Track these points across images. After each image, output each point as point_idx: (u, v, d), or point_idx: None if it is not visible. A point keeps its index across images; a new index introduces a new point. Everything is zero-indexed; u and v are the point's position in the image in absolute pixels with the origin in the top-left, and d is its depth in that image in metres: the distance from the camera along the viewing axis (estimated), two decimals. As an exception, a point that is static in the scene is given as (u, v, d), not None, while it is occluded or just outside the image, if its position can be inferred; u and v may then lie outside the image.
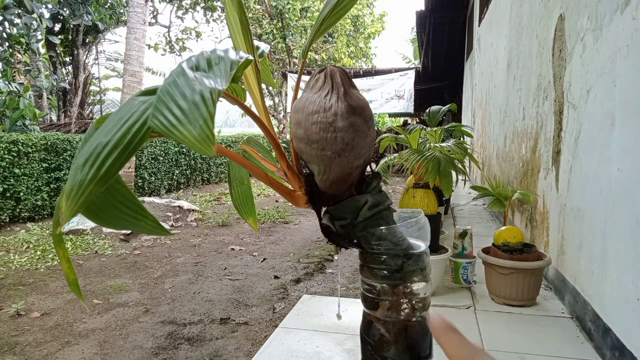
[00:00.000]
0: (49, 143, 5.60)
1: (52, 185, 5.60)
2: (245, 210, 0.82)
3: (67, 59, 12.16)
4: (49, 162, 5.60)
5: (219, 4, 14.24)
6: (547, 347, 1.42)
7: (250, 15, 14.46)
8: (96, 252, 4.22)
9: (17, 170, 5.11)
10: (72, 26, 11.08)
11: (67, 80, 11.37)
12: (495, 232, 1.80)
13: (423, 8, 7.85)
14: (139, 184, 7.14)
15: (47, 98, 10.77)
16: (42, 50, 9.96)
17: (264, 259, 3.95)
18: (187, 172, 8.37)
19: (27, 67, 9.34)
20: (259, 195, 8.00)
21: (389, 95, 11.31)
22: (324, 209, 0.59)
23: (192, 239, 4.75)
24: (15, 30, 7.97)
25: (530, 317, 1.64)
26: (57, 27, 11.10)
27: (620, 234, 1.26)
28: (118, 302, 2.98)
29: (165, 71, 16.20)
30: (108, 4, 11.40)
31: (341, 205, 0.59)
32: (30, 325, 2.63)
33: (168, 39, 15.28)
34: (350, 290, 3.09)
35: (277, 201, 7.24)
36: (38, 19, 8.06)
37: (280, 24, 14.49)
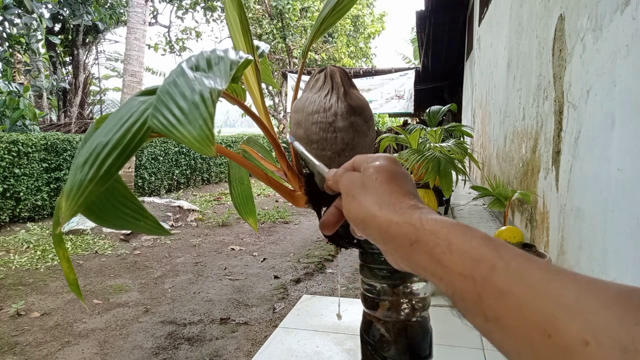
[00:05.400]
0: (49, 143, 5.60)
1: (52, 185, 5.60)
2: (245, 210, 0.82)
3: (67, 59, 12.16)
4: (49, 162, 5.60)
5: (219, 4, 14.24)
6: (547, 347, 1.42)
7: (250, 15, 14.46)
8: (96, 252, 4.22)
9: (17, 170, 5.11)
10: (72, 26, 11.08)
11: (67, 80, 11.37)
12: (495, 232, 1.80)
13: (423, 8, 7.85)
14: (139, 184, 7.14)
15: (47, 98, 10.76)
16: (42, 50, 9.96)
17: (264, 259, 3.95)
18: (187, 172, 8.37)
19: (27, 67, 9.34)
20: (259, 195, 8.00)
21: (389, 95, 11.31)
22: (324, 209, 0.59)
23: (192, 239, 4.75)
24: (15, 30, 7.98)
25: (530, 317, 1.64)
26: (57, 27, 11.10)
27: (620, 234, 1.26)
28: (118, 302, 2.98)
29: (165, 71, 16.20)
30: (108, 4, 11.40)
31: (341, 205, 0.59)
32: (30, 325, 2.62)
33: (168, 39, 15.29)
34: (350, 290, 3.09)
35: (277, 201, 7.24)
36: (38, 19, 8.06)
37: (280, 24, 14.49)
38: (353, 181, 0.38)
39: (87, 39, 11.86)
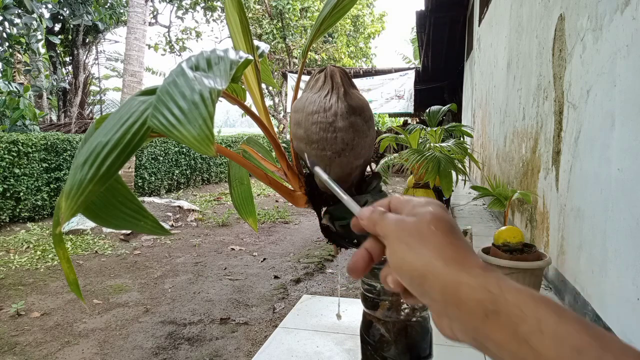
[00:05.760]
0: (49, 143, 5.60)
1: (52, 185, 5.60)
2: (245, 210, 0.82)
3: (67, 59, 12.16)
4: (49, 162, 5.60)
5: (219, 4, 14.24)
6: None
7: (250, 15, 14.46)
8: (96, 252, 4.22)
9: (17, 170, 5.11)
10: (72, 26, 11.08)
11: (67, 80, 11.37)
12: (495, 232, 1.80)
13: (423, 8, 7.85)
14: (139, 184, 7.14)
15: (47, 98, 10.77)
16: (42, 50, 9.95)
17: (264, 259, 3.95)
18: (187, 172, 8.37)
19: (27, 67, 9.34)
20: (259, 195, 8.00)
21: (389, 95, 11.31)
22: (324, 209, 0.59)
23: (192, 239, 4.75)
24: (15, 30, 7.97)
25: (530, 317, 1.64)
26: (57, 27, 11.10)
27: (620, 234, 1.26)
28: (118, 302, 2.98)
29: (165, 71, 16.19)
30: (108, 4, 11.40)
31: (341, 205, 0.59)
32: (30, 325, 2.62)
33: (168, 39, 15.29)
34: (350, 290, 3.09)
35: (277, 201, 7.24)
36: (38, 19, 8.06)
37: (280, 24, 14.49)
38: (404, 227, 0.32)
39: (87, 39, 11.86)
